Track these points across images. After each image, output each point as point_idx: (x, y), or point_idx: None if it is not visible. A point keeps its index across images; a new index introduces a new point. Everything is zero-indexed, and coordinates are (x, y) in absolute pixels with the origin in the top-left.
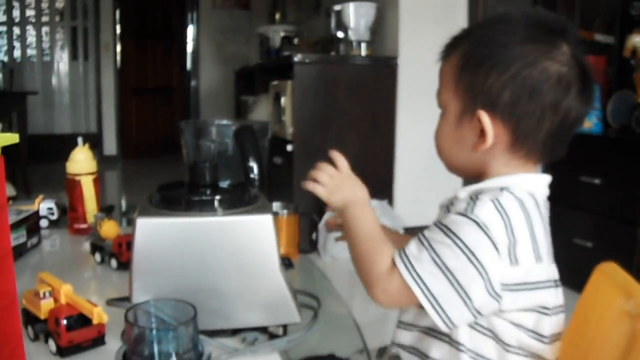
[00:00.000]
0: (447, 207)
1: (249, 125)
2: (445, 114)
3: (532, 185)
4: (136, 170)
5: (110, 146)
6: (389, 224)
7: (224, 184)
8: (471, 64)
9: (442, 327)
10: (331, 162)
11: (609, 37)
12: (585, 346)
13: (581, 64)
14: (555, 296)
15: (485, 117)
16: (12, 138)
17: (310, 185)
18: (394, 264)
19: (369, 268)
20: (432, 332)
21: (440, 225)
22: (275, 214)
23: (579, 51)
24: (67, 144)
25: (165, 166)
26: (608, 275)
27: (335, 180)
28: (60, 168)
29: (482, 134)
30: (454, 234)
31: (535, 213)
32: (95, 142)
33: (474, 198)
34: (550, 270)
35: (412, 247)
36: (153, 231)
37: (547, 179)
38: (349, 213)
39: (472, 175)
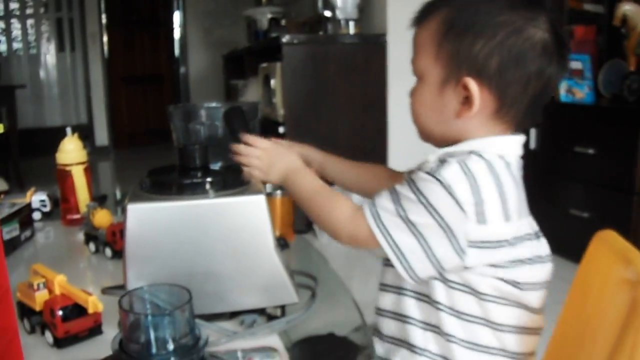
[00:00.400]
0: (417, 169)
1: (238, 105)
2: (423, 81)
3: (503, 148)
4: (129, 160)
5: (102, 137)
6: None
7: (216, 166)
8: (455, 30)
9: (407, 279)
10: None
11: (598, 6)
12: (587, 314)
13: (558, 32)
14: (536, 247)
15: (472, 84)
16: None
17: (247, 173)
18: (356, 210)
19: (329, 218)
20: (410, 292)
21: (409, 181)
22: (270, 195)
23: (555, 19)
24: (58, 136)
25: (159, 154)
26: (607, 243)
27: (264, 160)
28: (52, 161)
29: (466, 101)
30: (419, 191)
31: (505, 174)
32: (86, 133)
33: (442, 161)
34: (522, 225)
35: (382, 198)
36: (144, 217)
37: (520, 139)
38: (290, 182)
39: (449, 144)
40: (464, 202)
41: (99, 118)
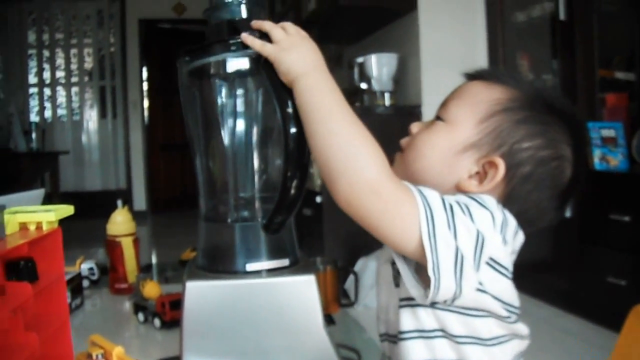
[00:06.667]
0: None
1: None
2: (448, 128)
3: None
4: (165, 225)
5: (140, 202)
6: None
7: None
8: (515, 114)
9: (427, 297)
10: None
11: (629, 74)
12: None
13: (578, 181)
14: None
15: (502, 167)
16: (68, 210)
17: (257, 43)
18: (397, 178)
19: (355, 155)
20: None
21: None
22: (317, 270)
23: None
24: (97, 200)
25: (195, 222)
26: None
27: (291, 38)
28: (91, 225)
29: (476, 176)
30: (460, 201)
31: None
32: (125, 198)
33: None
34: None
35: (431, 193)
36: (202, 294)
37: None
38: (310, 81)
39: None
40: (496, 217)
41: (137, 183)
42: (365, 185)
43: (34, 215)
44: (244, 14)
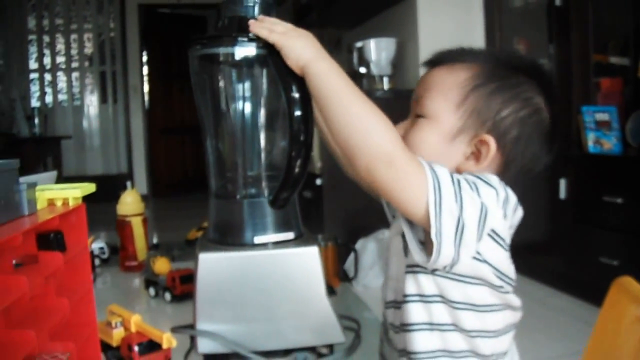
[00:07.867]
0: None
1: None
2: (433, 122)
3: None
4: (167, 209)
5: (141, 185)
6: None
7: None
8: (486, 88)
9: (429, 261)
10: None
11: (623, 59)
12: (604, 352)
13: (557, 120)
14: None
15: (493, 143)
16: (90, 188)
17: (264, 31)
18: (408, 150)
19: (369, 132)
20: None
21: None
22: (319, 246)
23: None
24: (99, 184)
25: (196, 204)
26: (624, 287)
27: (293, 30)
28: (94, 208)
29: (473, 156)
30: (466, 178)
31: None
32: (126, 182)
33: None
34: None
35: (439, 167)
36: (213, 265)
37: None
38: (322, 66)
39: None
40: (499, 192)
41: (138, 167)
42: (382, 157)
43: (62, 192)
44: (257, 14)
